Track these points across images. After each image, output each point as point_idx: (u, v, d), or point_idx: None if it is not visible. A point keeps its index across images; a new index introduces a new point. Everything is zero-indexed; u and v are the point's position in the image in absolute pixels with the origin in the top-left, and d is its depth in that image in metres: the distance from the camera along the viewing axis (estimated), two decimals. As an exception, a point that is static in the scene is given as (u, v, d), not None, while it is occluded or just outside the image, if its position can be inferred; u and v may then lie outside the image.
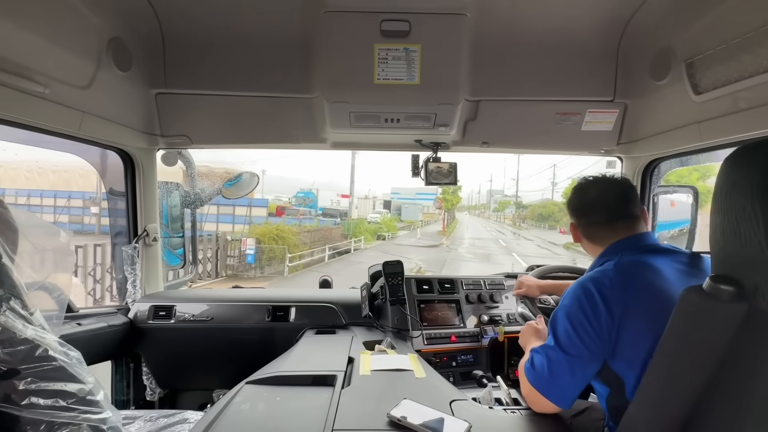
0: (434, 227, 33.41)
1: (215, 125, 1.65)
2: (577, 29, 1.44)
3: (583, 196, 1.09)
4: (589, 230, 1.08)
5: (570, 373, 0.88)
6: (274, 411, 0.92)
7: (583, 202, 1.09)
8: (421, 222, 36.43)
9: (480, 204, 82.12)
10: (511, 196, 57.28)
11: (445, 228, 29.17)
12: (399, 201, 44.82)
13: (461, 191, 32.70)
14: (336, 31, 1.33)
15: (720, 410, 0.61)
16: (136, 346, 1.66)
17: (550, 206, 40.24)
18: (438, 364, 1.52)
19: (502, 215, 61.09)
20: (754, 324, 0.56)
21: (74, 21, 1.13)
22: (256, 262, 10.83)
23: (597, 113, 1.57)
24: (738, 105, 1.09)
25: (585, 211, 1.09)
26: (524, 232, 36.10)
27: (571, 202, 1.11)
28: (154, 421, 1.23)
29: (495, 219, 62.64)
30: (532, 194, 57.02)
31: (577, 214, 1.10)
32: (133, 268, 1.72)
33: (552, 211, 39.27)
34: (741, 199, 0.57)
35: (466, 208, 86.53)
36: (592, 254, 1.09)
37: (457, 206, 37.36)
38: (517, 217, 49.09)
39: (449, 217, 35.42)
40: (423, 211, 42.07)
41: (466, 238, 26.45)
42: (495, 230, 37.40)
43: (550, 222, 38.44)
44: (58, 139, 1.29)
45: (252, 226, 13.99)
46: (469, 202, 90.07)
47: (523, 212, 47.73)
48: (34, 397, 0.64)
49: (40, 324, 0.71)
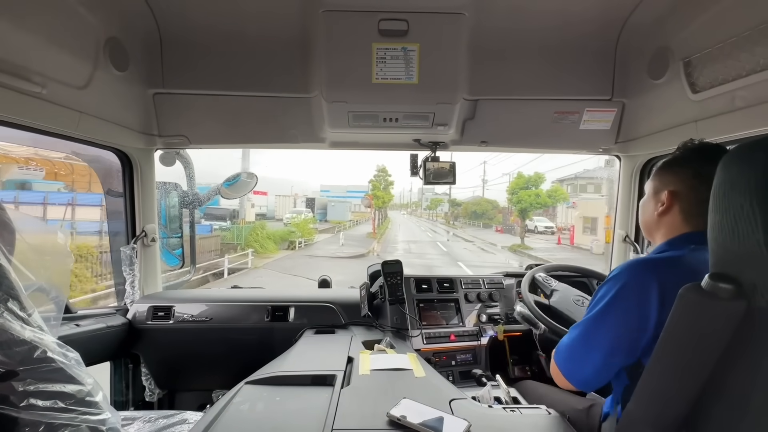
0: (365, 228, 29.72)
1: (213, 125, 1.64)
2: (575, 28, 1.44)
3: (715, 165, 0.79)
4: (695, 208, 0.89)
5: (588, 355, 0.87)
6: (274, 411, 0.92)
7: (714, 171, 0.80)
8: (350, 222, 33.16)
9: (412, 202, 79.47)
10: (442, 194, 54.26)
11: (375, 230, 25.78)
12: (327, 199, 38.94)
13: (393, 187, 29.02)
14: (334, 31, 1.33)
15: (719, 408, 0.61)
16: (134, 346, 1.66)
17: (483, 204, 37.73)
18: (437, 363, 1.52)
19: (434, 213, 57.60)
20: (752, 322, 0.56)
21: (71, 21, 1.12)
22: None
23: (595, 112, 1.57)
24: (735, 103, 1.09)
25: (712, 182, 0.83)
26: (459, 231, 34.08)
27: (701, 168, 0.89)
28: (153, 421, 1.22)
29: (427, 217, 59.10)
30: (462, 192, 53.73)
31: (694, 183, 0.89)
32: (131, 269, 1.71)
33: (486, 209, 36.98)
34: (739, 197, 0.57)
35: (399, 207, 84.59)
36: (661, 234, 0.96)
37: (389, 204, 34.23)
38: (450, 215, 46.91)
39: (381, 216, 33.36)
40: (352, 209, 37.60)
41: (400, 242, 23.07)
42: (429, 230, 34.82)
43: (484, 220, 36.50)
44: (56, 139, 1.29)
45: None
46: (401, 200, 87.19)
47: (456, 210, 45.14)
48: (33, 399, 0.64)
49: (38, 325, 0.70)
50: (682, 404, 0.65)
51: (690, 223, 0.91)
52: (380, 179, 28.46)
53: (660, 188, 0.96)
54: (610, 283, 0.88)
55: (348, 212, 35.89)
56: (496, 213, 36.51)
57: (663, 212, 0.95)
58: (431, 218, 57.00)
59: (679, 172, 0.93)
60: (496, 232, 31.64)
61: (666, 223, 0.95)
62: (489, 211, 36.84)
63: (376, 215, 28.78)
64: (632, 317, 0.82)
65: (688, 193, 0.91)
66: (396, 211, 77.37)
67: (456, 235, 28.83)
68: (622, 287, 0.85)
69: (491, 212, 36.69)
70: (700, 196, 0.86)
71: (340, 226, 28.25)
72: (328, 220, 32.67)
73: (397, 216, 65.12)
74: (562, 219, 27.70)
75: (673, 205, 0.93)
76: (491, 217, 36.29)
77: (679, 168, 0.94)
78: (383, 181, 28.42)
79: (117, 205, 1.74)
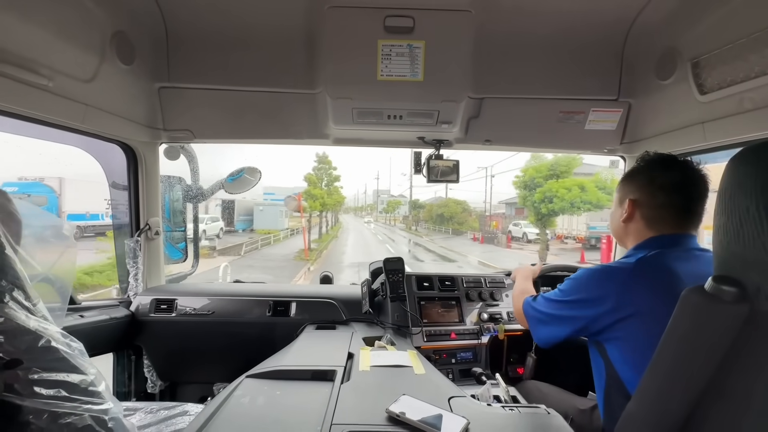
0: (306, 239, 19.37)
1: (218, 120, 1.65)
2: (582, 28, 1.43)
3: (669, 171, 0.97)
4: (654, 212, 0.98)
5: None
6: (274, 405, 0.92)
7: (669, 177, 0.97)
8: (286, 231, 24.64)
9: (367, 204, 73.27)
10: (398, 196, 49.26)
11: (308, 248, 16.35)
12: (254, 202, 27.37)
13: (340, 183, 21.75)
14: (340, 27, 1.33)
15: (720, 410, 0.61)
16: (137, 338, 1.67)
17: (452, 206, 32.17)
18: (437, 361, 1.52)
19: (392, 217, 51.69)
20: (755, 325, 0.56)
21: (78, 14, 1.13)
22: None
23: (601, 112, 1.56)
24: (743, 105, 1.08)
25: (666, 189, 0.96)
26: (425, 239, 27.74)
27: (655, 176, 0.98)
28: (155, 413, 1.24)
29: (384, 221, 53.30)
30: (424, 192, 50.43)
31: (651, 190, 0.99)
32: (135, 262, 1.73)
33: (454, 212, 31.50)
34: (745, 200, 0.56)
35: (352, 210, 79.19)
36: (630, 240, 1.05)
37: (339, 207, 27.37)
38: (411, 219, 40.23)
39: (331, 220, 26.55)
40: (293, 214, 25.09)
41: (347, 263, 14.62)
42: (387, 237, 28.43)
43: (453, 225, 30.90)
44: (63, 132, 1.29)
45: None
46: (355, 203, 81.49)
47: (419, 213, 38.87)
48: (37, 387, 0.65)
49: (42, 315, 0.71)
50: (684, 405, 0.64)
51: (652, 227, 0.99)
52: (320, 173, 21.13)
53: (623, 197, 1.05)
54: (570, 288, 1.02)
55: (284, 218, 26.56)
56: (467, 216, 31.73)
57: (626, 219, 1.04)
58: (388, 222, 51.50)
59: (637, 181, 1.02)
60: (473, 241, 25.37)
61: (632, 230, 1.04)
62: (458, 215, 31.79)
63: (322, 222, 21.02)
64: (582, 318, 0.97)
65: (646, 199, 0.99)
66: (349, 215, 70.83)
67: (419, 246, 22.93)
68: (576, 299, 0.98)
69: (460, 215, 31.77)
70: (657, 201, 0.97)
71: (270, 237, 20.61)
72: (255, 229, 24.42)
73: (349, 220, 58.60)
74: (564, 224, 22.66)
75: (635, 211, 1.02)
76: (461, 221, 31.24)
77: (636, 177, 1.03)
78: (325, 176, 21.29)
79: (121, 197, 1.75)
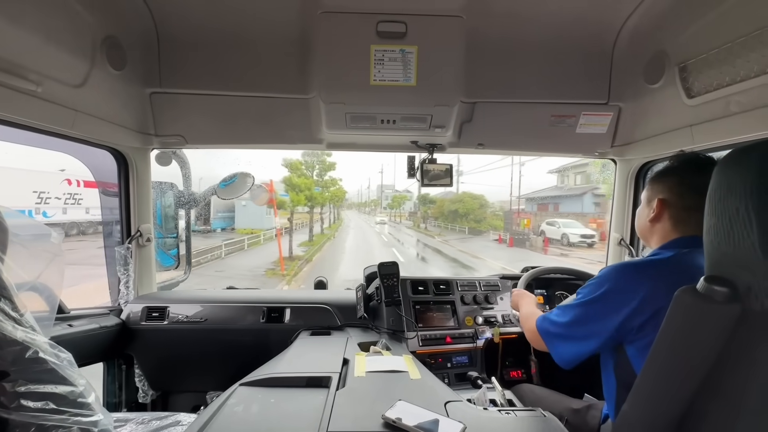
0: (299, 238, 17.74)
1: (210, 125, 1.64)
2: (572, 32, 1.45)
3: (701, 174, 0.88)
4: (682, 213, 0.96)
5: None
6: (269, 413, 0.91)
7: (700, 180, 0.85)
8: (276, 230, 17.01)
9: (370, 200, 68.86)
10: (404, 191, 46.18)
11: (285, 257, 12.59)
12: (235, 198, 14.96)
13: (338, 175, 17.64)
14: (333, 32, 1.33)
15: (714, 409, 0.61)
16: (128, 347, 1.64)
17: (468, 201, 27.30)
18: (433, 366, 1.51)
19: (397, 213, 46.55)
20: (747, 325, 0.57)
21: (68, 19, 1.12)
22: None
23: (591, 116, 1.58)
24: (730, 108, 1.10)
25: (695, 192, 0.92)
26: (437, 239, 23.44)
27: (686, 178, 0.96)
28: (147, 423, 1.21)
29: (389, 218, 48.04)
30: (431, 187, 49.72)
31: (680, 191, 0.96)
32: (125, 269, 1.70)
33: (471, 208, 26.83)
34: (734, 201, 0.57)
35: (356, 206, 74.80)
36: (655, 239, 1.02)
37: (341, 202, 23.78)
38: (420, 217, 34.72)
39: (330, 218, 21.85)
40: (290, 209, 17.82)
41: (341, 280, 10.11)
42: (394, 239, 23.81)
43: (470, 223, 26.53)
44: (51, 138, 1.28)
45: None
46: (359, 199, 76.71)
47: (428, 209, 33.50)
48: (24, 400, 0.63)
49: (30, 325, 0.70)
50: (678, 405, 0.65)
51: (679, 228, 0.97)
52: (311, 159, 16.66)
53: (651, 197, 1.03)
54: (595, 284, 0.96)
55: (271, 215, 20.57)
56: (484, 213, 27.47)
57: (654, 219, 1.01)
58: (393, 219, 47.38)
59: (668, 181, 1.00)
60: (499, 243, 21.34)
61: (658, 230, 1.01)
62: (475, 211, 27.14)
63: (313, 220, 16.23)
64: (612, 319, 0.90)
65: (675, 200, 0.97)
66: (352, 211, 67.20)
67: (436, 251, 18.38)
68: (605, 292, 0.92)
69: (478, 212, 27.18)
70: (686, 203, 0.95)
71: (245, 241, 16.70)
72: (235, 228, 20.98)
73: (352, 217, 53.79)
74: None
75: (663, 212, 0.99)
76: (479, 219, 26.91)
77: (667, 177, 1.01)
78: (317, 163, 16.87)
79: (112, 204, 1.72)
